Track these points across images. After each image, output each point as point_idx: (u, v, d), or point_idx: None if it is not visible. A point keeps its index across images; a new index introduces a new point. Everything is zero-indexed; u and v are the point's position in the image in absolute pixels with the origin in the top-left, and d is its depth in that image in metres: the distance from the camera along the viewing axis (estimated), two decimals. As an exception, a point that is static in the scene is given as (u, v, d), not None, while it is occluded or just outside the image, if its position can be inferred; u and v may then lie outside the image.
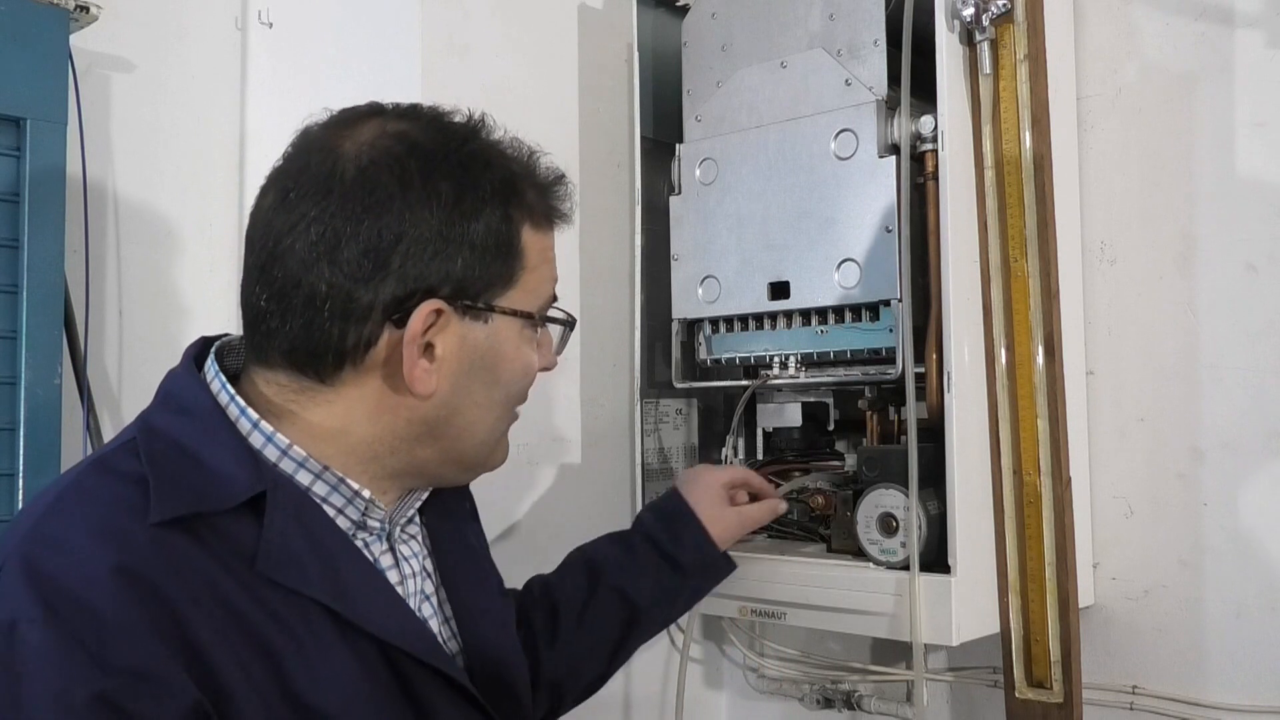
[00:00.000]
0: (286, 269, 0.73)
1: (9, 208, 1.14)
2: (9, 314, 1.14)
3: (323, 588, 0.71)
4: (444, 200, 0.74)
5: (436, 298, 0.74)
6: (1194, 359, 1.27)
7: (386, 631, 0.74)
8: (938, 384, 1.15)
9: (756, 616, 1.28)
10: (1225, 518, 1.24)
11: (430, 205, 0.73)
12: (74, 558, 0.65)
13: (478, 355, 0.78)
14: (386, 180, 0.73)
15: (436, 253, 0.73)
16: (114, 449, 0.73)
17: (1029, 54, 1.15)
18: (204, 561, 0.68)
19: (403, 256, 0.73)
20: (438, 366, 0.76)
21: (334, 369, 0.74)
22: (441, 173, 0.75)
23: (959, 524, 1.13)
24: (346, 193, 0.73)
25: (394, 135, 0.75)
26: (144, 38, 1.42)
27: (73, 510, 0.68)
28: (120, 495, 0.68)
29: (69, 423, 1.18)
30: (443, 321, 0.75)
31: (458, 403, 0.78)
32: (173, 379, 0.78)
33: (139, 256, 1.41)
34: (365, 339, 0.73)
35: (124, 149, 1.40)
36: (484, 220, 0.76)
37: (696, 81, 1.39)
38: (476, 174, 0.76)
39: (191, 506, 0.68)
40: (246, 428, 0.74)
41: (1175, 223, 1.28)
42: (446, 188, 0.74)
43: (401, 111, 0.79)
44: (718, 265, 1.34)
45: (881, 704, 1.49)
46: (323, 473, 0.75)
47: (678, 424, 1.49)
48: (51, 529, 0.67)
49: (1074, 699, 1.15)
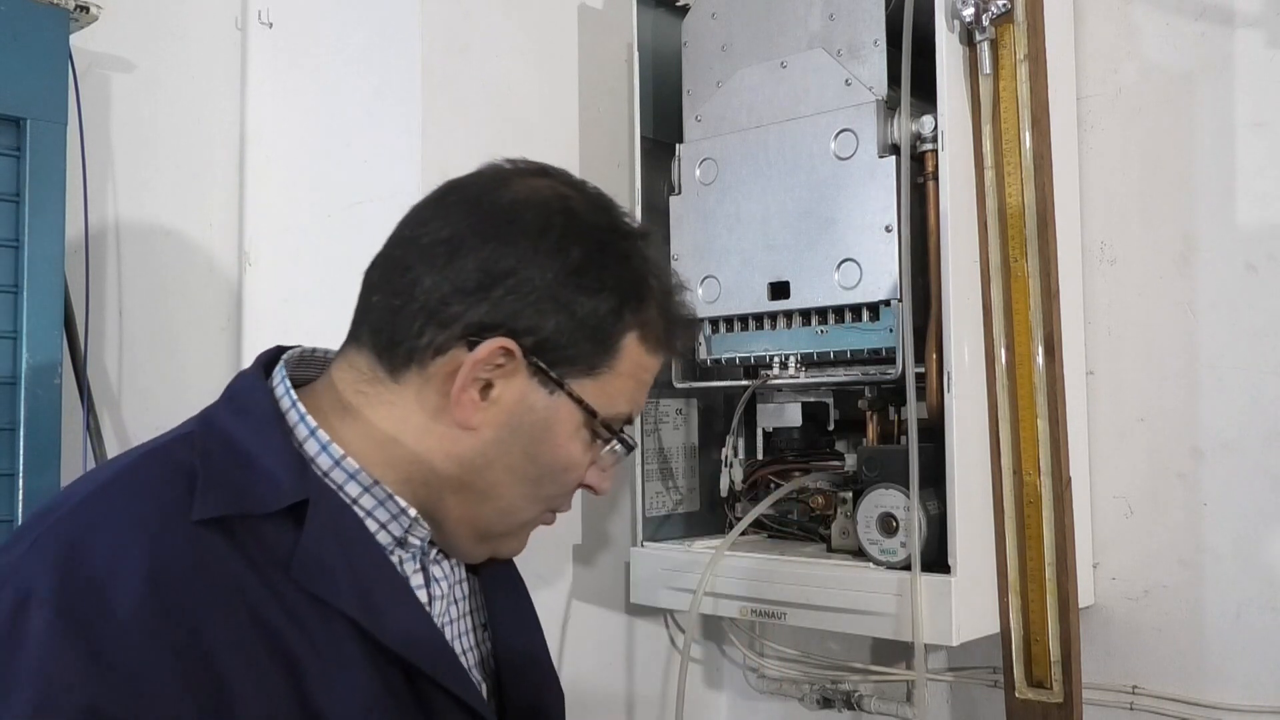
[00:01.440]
0: (408, 254, 0.76)
1: (9, 208, 1.14)
2: (9, 314, 1.14)
3: (352, 601, 0.71)
4: (569, 263, 0.75)
5: (515, 341, 0.74)
6: (1194, 359, 1.27)
7: (412, 651, 0.73)
8: (938, 384, 1.15)
9: (756, 616, 1.28)
10: (1225, 518, 1.24)
11: (554, 260, 0.75)
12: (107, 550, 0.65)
13: (529, 420, 0.77)
14: (530, 220, 0.76)
15: (537, 304, 0.74)
16: (172, 439, 0.75)
17: (1029, 54, 1.15)
18: (237, 564, 0.68)
19: (506, 290, 0.74)
20: (488, 407, 0.76)
21: (402, 363, 0.75)
22: (580, 241, 0.76)
23: (959, 524, 1.13)
24: (492, 214, 0.76)
25: (558, 194, 0.78)
26: (144, 38, 1.42)
27: (117, 498, 0.69)
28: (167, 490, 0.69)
29: (69, 423, 1.18)
30: (510, 368, 0.75)
31: (493, 456, 0.77)
32: (240, 379, 0.80)
33: (139, 256, 1.41)
34: (437, 345, 0.74)
35: (124, 149, 1.40)
36: (596, 302, 0.76)
37: (696, 81, 1.39)
38: (611, 262, 0.78)
39: (233, 507, 0.69)
40: (303, 434, 0.75)
41: (1175, 223, 1.28)
42: (577, 254, 0.76)
43: (577, 182, 0.82)
44: (718, 265, 1.34)
45: (881, 704, 1.49)
46: (372, 486, 0.75)
47: (678, 424, 1.49)
48: (94, 514, 0.67)
49: (1074, 699, 1.15)
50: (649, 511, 1.43)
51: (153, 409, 1.40)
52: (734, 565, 1.29)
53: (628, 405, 0.81)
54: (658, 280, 0.81)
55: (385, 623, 0.72)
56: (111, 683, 0.61)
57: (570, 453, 0.79)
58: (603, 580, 1.53)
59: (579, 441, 0.79)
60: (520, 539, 0.85)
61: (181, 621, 0.64)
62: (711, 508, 1.50)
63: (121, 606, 0.63)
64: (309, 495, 0.71)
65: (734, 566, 1.29)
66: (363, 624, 0.71)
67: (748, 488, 1.41)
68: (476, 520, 0.80)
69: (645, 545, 1.41)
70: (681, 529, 1.47)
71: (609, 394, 0.78)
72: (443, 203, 0.78)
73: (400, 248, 0.77)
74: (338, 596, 0.70)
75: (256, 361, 0.80)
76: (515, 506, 0.80)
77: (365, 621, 0.71)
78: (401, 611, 0.75)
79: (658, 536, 1.43)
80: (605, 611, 1.54)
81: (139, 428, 1.38)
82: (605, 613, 1.54)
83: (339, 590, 0.70)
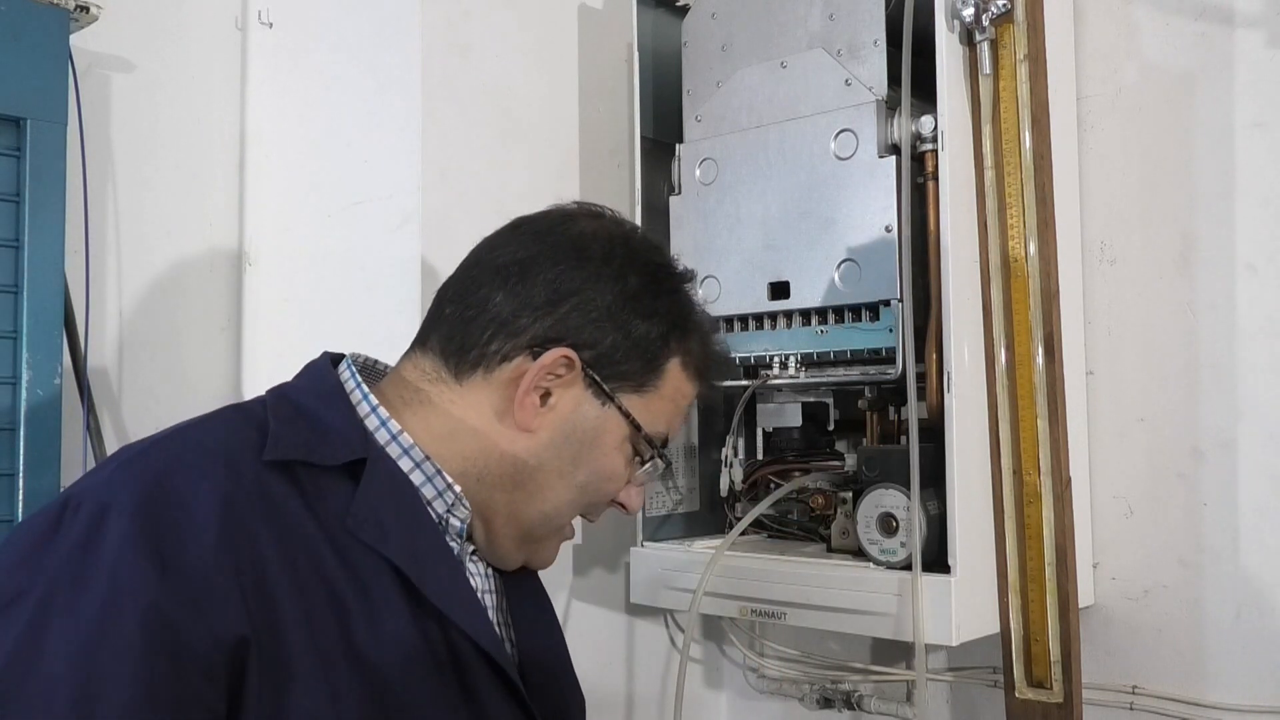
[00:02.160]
0: (483, 273, 0.85)
1: (9, 208, 1.14)
2: (9, 314, 1.14)
3: (400, 553, 0.76)
4: (628, 289, 0.85)
5: (576, 353, 0.82)
6: (1194, 359, 1.27)
7: (453, 610, 0.78)
8: (938, 384, 1.15)
9: (756, 616, 1.28)
10: (1225, 518, 1.24)
11: (615, 285, 0.84)
12: (190, 474, 0.71)
13: (582, 428, 0.85)
14: (595, 250, 0.85)
15: (597, 321, 0.83)
16: (250, 401, 0.83)
17: (1029, 54, 1.15)
18: (298, 506, 0.74)
19: (571, 307, 0.83)
20: (546, 412, 0.84)
21: (470, 368, 0.83)
22: (638, 271, 0.86)
23: (959, 524, 1.13)
24: (560, 243, 0.85)
25: (621, 231, 0.89)
26: (144, 38, 1.42)
27: (198, 435, 0.76)
28: (243, 431, 0.76)
29: (69, 423, 1.18)
30: (570, 378, 0.83)
31: (546, 459, 0.84)
32: (309, 364, 0.87)
33: (139, 256, 1.41)
34: (504, 352, 0.83)
35: (124, 149, 1.40)
36: (648, 326, 0.85)
37: (696, 81, 1.39)
38: (664, 293, 0.87)
39: (301, 454, 0.75)
40: (365, 411, 0.82)
41: (1175, 223, 1.28)
42: (635, 282, 0.85)
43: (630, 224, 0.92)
44: (718, 265, 1.34)
45: (881, 704, 1.49)
46: (423, 462, 0.81)
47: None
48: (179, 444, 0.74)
49: (1074, 699, 1.15)
50: (649, 511, 1.43)
51: (153, 409, 1.40)
52: (734, 565, 1.29)
53: (665, 425, 0.89)
54: (700, 317, 0.91)
55: (428, 576, 0.77)
56: (174, 588, 0.66)
57: (614, 463, 0.87)
58: (603, 580, 1.53)
59: (622, 455, 0.87)
60: (553, 549, 0.92)
61: (245, 547, 0.69)
62: (711, 508, 1.50)
63: (194, 524, 0.68)
64: (368, 455, 0.78)
65: (734, 566, 1.29)
66: (408, 574, 0.76)
67: (748, 488, 1.41)
68: (522, 520, 0.86)
69: (645, 545, 1.40)
70: (681, 529, 1.47)
71: (652, 412, 0.87)
72: (516, 232, 0.87)
73: (476, 269, 0.86)
74: (387, 547, 0.76)
75: (323, 354, 0.88)
76: (558, 510, 0.87)
77: (410, 572, 0.76)
78: (443, 570, 0.80)
79: (658, 536, 1.43)
80: (605, 611, 1.54)
81: (139, 428, 1.38)
82: (605, 613, 1.54)
83: (388, 542, 0.76)
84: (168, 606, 0.65)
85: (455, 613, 0.78)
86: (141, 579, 0.65)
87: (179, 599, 0.66)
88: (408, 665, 0.75)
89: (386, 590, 0.75)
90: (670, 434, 0.90)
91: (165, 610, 0.65)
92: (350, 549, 0.75)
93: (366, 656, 0.72)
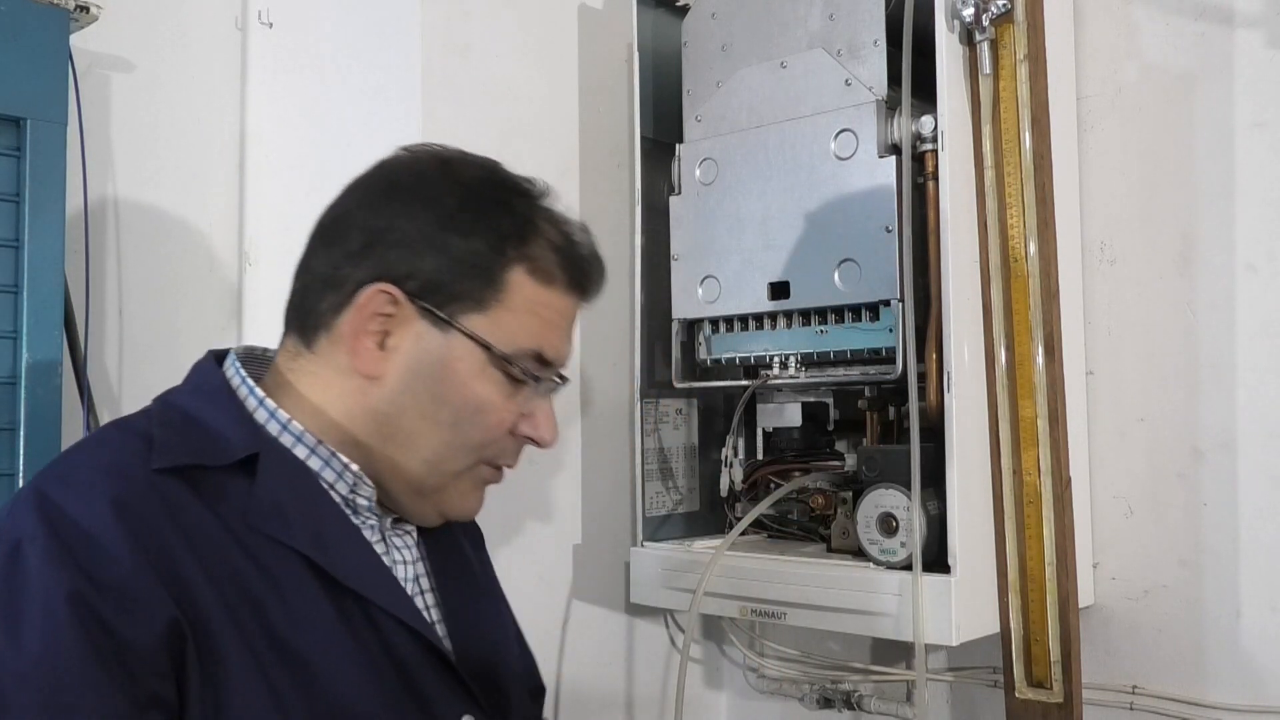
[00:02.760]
0: (310, 241, 0.84)
1: (9, 208, 1.14)
2: (9, 314, 1.14)
3: (304, 540, 0.76)
4: (444, 210, 0.81)
5: (398, 286, 0.79)
6: (1194, 359, 1.27)
7: (365, 586, 0.78)
8: (938, 384, 1.15)
9: (756, 616, 1.28)
10: (1225, 518, 1.24)
11: (428, 209, 0.81)
12: (78, 489, 0.71)
13: (429, 362, 0.81)
14: (405, 180, 0.83)
15: (413, 249, 0.80)
16: (132, 415, 0.81)
17: (1029, 54, 1.15)
18: (198, 508, 0.73)
19: (386, 246, 0.80)
20: (388, 355, 0.80)
21: (314, 333, 0.82)
22: (453, 191, 0.82)
23: (959, 524, 1.13)
24: (372, 185, 0.84)
25: (438, 158, 0.85)
26: (144, 38, 1.42)
27: (85, 453, 0.77)
28: (129, 444, 0.75)
29: (69, 423, 1.18)
30: (401, 314, 0.80)
31: (403, 403, 0.81)
32: (194, 368, 0.86)
33: (139, 256, 1.41)
34: (334, 307, 0.81)
35: (124, 149, 1.40)
36: (472, 241, 0.81)
37: (696, 81, 1.39)
38: (487, 206, 0.82)
39: (189, 458, 0.75)
40: (253, 405, 0.81)
41: (1175, 223, 1.28)
42: (451, 202, 0.81)
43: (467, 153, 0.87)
44: (718, 265, 1.34)
45: (881, 704, 1.49)
46: (317, 446, 0.81)
47: (678, 424, 1.49)
48: (63, 467, 0.75)
49: (1074, 699, 1.15)
50: (649, 511, 1.43)
51: (153, 409, 1.39)
52: (734, 565, 1.29)
53: (533, 341, 0.83)
54: (549, 224, 0.84)
55: (337, 560, 0.77)
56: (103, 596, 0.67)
57: (479, 393, 0.81)
58: (603, 580, 1.53)
59: (488, 382, 0.82)
60: (464, 495, 0.86)
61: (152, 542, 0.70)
62: (711, 508, 1.50)
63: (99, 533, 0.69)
64: (259, 449, 0.77)
65: (734, 566, 1.29)
66: (317, 560, 0.76)
67: (748, 488, 1.41)
68: (407, 473, 0.83)
69: (645, 545, 1.41)
70: (681, 529, 1.47)
71: (505, 328, 0.81)
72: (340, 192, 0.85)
73: (308, 241, 0.85)
74: (291, 536, 0.76)
75: (208, 354, 0.87)
76: (439, 455, 0.83)
77: (319, 558, 0.76)
78: (350, 548, 0.80)
79: (658, 536, 1.43)
80: (605, 611, 1.54)
81: (139, 428, 1.38)
82: (605, 613, 1.54)
83: (292, 531, 0.76)
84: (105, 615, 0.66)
85: (370, 590, 0.78)
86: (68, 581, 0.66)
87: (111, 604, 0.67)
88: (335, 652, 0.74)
89: (300, 580, 0.75)
90: (548, 351, 0.84)
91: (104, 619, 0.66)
92: (257, 545, 0.74)
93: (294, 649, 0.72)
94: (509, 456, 0.87)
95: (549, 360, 0.85)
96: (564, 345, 0.86)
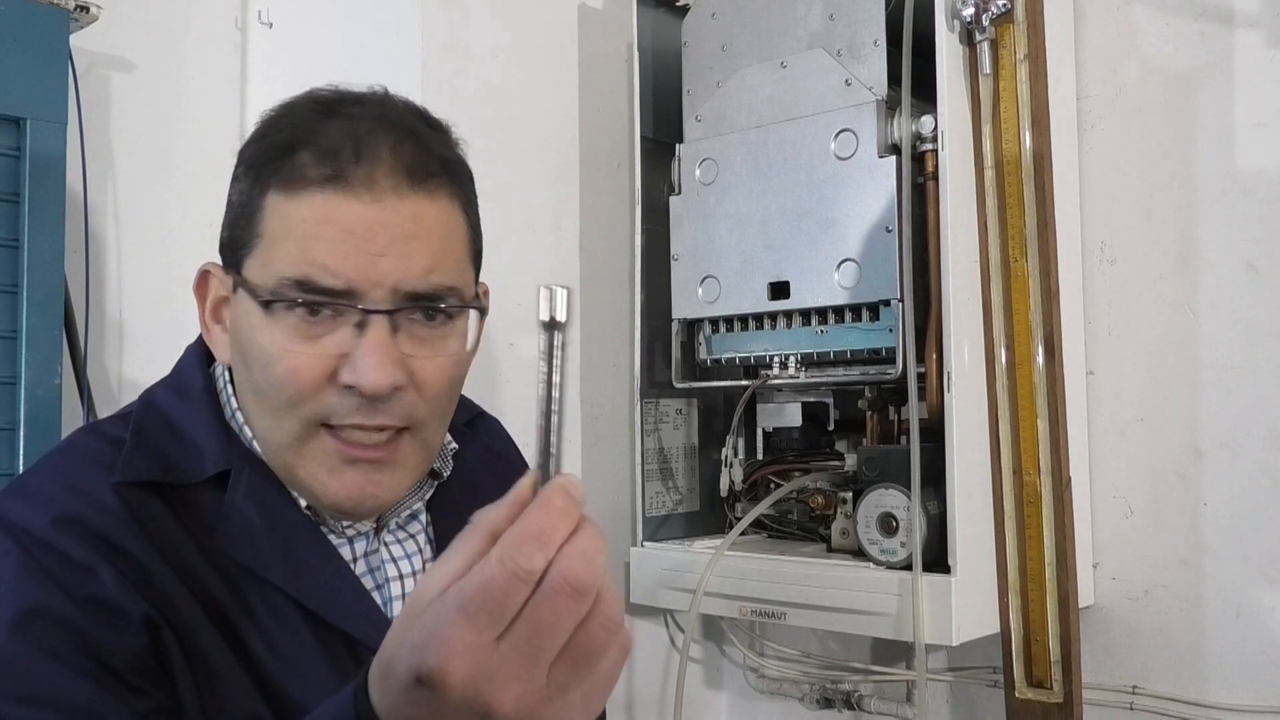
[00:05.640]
0: None
1: (9, 208, 1.14)
2: (9, 314, 1.14)
3: (275, 568, 0.72)
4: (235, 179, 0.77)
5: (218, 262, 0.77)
6: (1194, 359, 1.27)
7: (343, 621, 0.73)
8: (938, 384, 1.15)
9: (756, 616, 1.28)
10: (1225, 518, 1.24)
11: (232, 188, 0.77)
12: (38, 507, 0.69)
13: (235, 328, 0.75)
14: None
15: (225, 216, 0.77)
16: (111, 417, 0.78)
17: (1029, 54, 1.15)
18: (170, 524, 0.70)
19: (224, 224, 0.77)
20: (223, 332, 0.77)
21: None
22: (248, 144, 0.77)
23: (959, 524, 1.13)
24: None
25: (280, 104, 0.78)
26: (144, 38, 1.42)
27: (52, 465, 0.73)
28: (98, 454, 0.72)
29: (69, 423, 1.18)
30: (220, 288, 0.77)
31: (240, 381, 0.76)
32: (186, 356, 0.82)
33: (139, 256, 1.41)
34: None
35: (124, 149, 1.40)
36: (243, 181, 0.75)
37: (696, 81, 1.39)
38: (255, 139, 0.76)
39: (157, 475, 0.71)
40: (229, 413, 0.78)
41: (1175, 223, 1.28)
42: (239, 170, 0.77)
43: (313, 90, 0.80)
44: (718, 265, 1.34)
45: (881, 704, 1.49)
46: None
47: (678, 424, 1.49)
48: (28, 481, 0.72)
49: (1074, 699, 1.15)
50: (649, 511, 1.43)
51: (153, 409, 1.39)
52: (734, 565, 1.29)
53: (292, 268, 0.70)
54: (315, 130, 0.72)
55: (310, 587, 0.73)
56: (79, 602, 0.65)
57: (262, 344, 0.71)
58: (603, 580, 1.53)
59: (270, 328, 0.71)
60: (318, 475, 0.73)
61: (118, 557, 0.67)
62: (711, 508, 1.50)
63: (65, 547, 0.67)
64: (231, 465, 0.73)
65: (734, 566, 1.29)
66: (289, 591, 0.72)
67: (748, 488, 1.41)
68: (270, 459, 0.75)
69: (645, 545, 1.41)
70: (681, 529, 1.47)
71: (264, 264, 0.71)
72: None
73: None
74: (262, 565, 0.72)
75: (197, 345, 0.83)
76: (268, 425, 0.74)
77: (289, 587, 0.72)
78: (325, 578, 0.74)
79: (658, 536, 1.43)
80: (605, 611, 1.54)
81: (139, 428, 1.38)
82: (605, 613, 1.54)
83: (263, 558, 0.72)
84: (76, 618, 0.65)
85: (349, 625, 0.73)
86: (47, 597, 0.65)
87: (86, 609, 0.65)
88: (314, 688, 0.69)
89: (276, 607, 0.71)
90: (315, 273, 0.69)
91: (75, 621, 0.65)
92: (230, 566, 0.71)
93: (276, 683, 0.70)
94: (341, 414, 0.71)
95: (322, 284, 0.69)
96: (342, 259, 0.69)
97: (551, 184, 1.49)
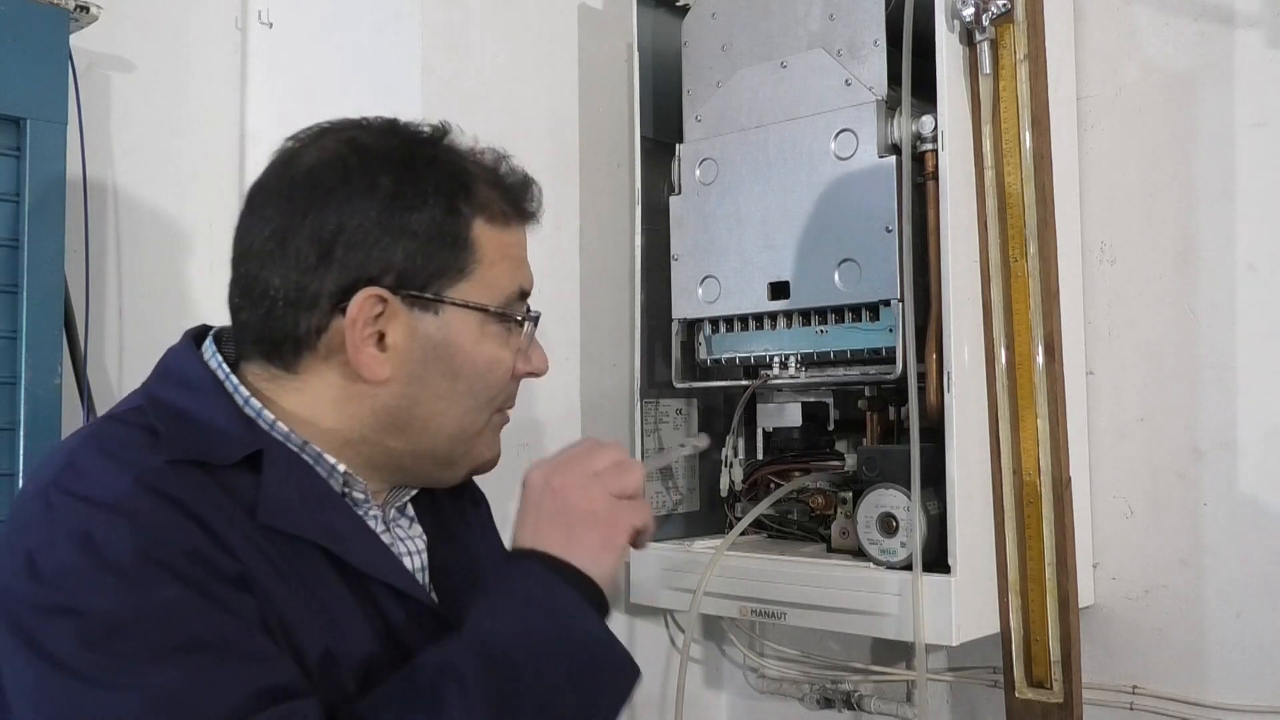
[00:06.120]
0: (249, 265, 0.80)
1: (9, 208, 1.14)
2: (9, 314, 1.14)
3: (317, 531, 0.76)
4: (383, 192, 0.78)
5: (378, 286, 0.77)
6: (1194, 359, 1.27)
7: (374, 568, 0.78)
8: (938, 384, 1.15)
9: (756, 616, 1.28)
10: (1225, 518, 1.24)
11: (369, 197, 0.77)
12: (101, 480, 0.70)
13: (430, 346, 0.80)
14: (329, 177, 0.78)
15: (375, 242, 0.77)
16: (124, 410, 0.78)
17: (1029, 54, 1.15)
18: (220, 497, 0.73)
19: (344, 247, 0.77)
20: (390, 355, 0.79)
21: (294, 356, 0.79)
22: (381, 168, 0.79)
23: (959, 524, 1.13)
24: (295, 191, 0.79)
25: (343, 140, 0.81)
26: (144, 38, 1.42)
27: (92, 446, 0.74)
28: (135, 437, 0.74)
29: (69, 423, 1.18)
30: (390, 311, 0.78)
31: (416, 394, 0.80)
32: (173, 355, 0.83)
33: (139, 256, 1.41)
34: (315, 326, 0.78)
35: (124, 149, 1.40)
36: (427, 212, 0.79)
37: (696, 81, 1.39)
38: (420, 169, 0.80)
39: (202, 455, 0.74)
40: (240, 401, 0.79)
41: (1175, 223, 1.28)
42: (386, 181, 0.78)
43: (358, 122, 0.84)
44: (718, 265, 1.34)
45: (881, 704, 1.49)
46: (304, 447, 0.79)
47: (678, 424, 1.49)
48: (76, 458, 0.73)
49: (1074, 699, 1.15)
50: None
51: (153, 409, 1.39)
52: (734, 565, 1.29)
53: (512, 282, 0.83)
54: (475, 164, 0.83)
55: (351, 547, 0.77)
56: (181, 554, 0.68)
57: (486, 354, 0.82)
58: (603, 580, 1.53)
59: (489, 339, 0.82)
60: (489, 445, 0.87)
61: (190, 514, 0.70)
62: (711, 508, 1.50)
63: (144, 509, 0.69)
64: (262, 446, 0.76)
65: (734, 566, 1.29)
66: (333, 549, 0.76)
67: (748, 488, 1.41)
68: (434, 452, 0.83)
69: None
70: (681, 529, 1.47)
71: (489, 284, 0.81)
72: (252, 206, 0.81)
73: (242, 264, 0.81)
74: (304, 528, 0.75)
75: (185, 336, 0.85)
76: (462, 425, 0.83)
77: (332, 546, 0.76)
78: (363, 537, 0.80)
79: (658, 537, 1.43)
80: (605, 611, 1.54)
81: (139, 428, 1.38)
82: (605, 613, 1.54)
83: (303, 524, 0.75)
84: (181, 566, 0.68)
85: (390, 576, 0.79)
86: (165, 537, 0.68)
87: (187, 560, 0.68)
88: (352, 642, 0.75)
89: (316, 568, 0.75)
90: (526, 285, 0.85)
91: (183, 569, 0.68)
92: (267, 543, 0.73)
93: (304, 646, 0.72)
94: (513, 399, 0.88)
95: (527, 294, 0.86)
96: (530, 273, 0.86)
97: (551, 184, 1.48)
